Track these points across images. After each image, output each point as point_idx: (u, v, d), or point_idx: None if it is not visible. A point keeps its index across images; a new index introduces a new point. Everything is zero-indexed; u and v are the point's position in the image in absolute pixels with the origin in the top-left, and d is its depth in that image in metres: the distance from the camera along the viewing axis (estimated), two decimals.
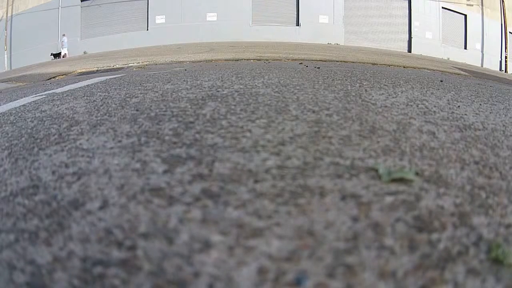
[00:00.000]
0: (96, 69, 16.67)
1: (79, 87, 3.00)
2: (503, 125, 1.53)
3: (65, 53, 22.74)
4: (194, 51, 18.64)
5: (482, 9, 28.50)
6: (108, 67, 16.86)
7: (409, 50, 26.16)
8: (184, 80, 2.57)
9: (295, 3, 23.72)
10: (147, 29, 22.88)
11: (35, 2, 24.41)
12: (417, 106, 1.68)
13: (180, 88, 2.05)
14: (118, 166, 0.83)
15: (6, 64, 23.85)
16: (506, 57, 29.55)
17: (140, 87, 2.31)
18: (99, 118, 1.39)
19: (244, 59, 15.32)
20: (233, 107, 1.38)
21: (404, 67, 16.49)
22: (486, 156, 1.01)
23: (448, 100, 2.08)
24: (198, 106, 1.43)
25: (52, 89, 3.34)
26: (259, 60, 15.25)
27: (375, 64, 16.44)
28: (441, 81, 3.80)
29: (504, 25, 29.40)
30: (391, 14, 26.20)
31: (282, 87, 1.99)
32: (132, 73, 4.00)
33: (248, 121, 1.15)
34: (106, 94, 2.15)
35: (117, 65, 17.08)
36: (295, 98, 1.58)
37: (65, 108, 1.80)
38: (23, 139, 1.28)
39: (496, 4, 28.99)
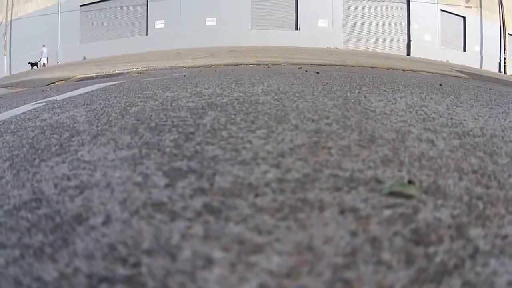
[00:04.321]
0: (96, 74, 16.68)
1: (79, 94, 3.01)
2: (502, 130, 1.55)
3: (44, 63, 22.86)
4: (193, 56, 18.67)
5: (481, 11, 28.58)
6: (108, 73, 16.89)
7: (408, 53, 26.22)
8: (183, 88, 2.58)
9: (294, 8, 23.81)
10: (147, 34, 22.97)
11: (34, 7, 24.47)
12: (416, 112, 1.69)
13: (180, 96, 2.06)
14: (120, 180, 0.84)
15: (5, 69, 23.89)
16: (505, 59, 29.60)
17: (140, 95, 2.32)
18: (99, 128, 1.41)
19: (244, 64, 15.37)
20: (233, 116, 1.39)
21: (403, 70, 16.50)
22: (484, 164, 1.02)
23: (447, 105, 2.09)
24: (198, 115, 1.44)
25: (52, 96, 3.35)
26: (258, 65, 15.31)
27: (375, 67, 16.49)
28: (440, 85, 3.80)
29: (502, 27, 29.48)
30: (390, 17, 26.28)
31: (281, 94, 2.01)
32: (132, 79, 4.02)
33: (248, 132, 1.17)
34: (106, 102, 2.16)
35: (116, 71, 17.10)
36: (295, 106, 1.60)
37: (66, 117, 1.81)
38: (24, 149, 1.29)
39: (494, 6, 29.07)
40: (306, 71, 5.75)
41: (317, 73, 5.20)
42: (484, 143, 1.27)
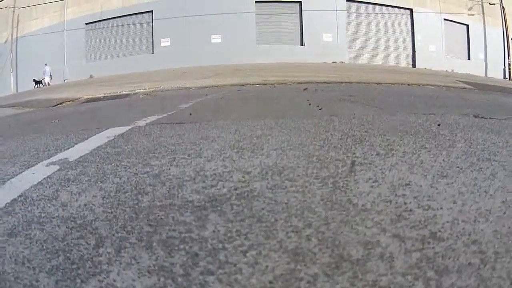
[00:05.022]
0: (103, 95, 17.01)
1: (89, 153, 3.20)
2: (474, 221, 1.69)
3: (48, 82, 23.37)
4: (199, 76, 18.80)
5: (484, 17, 28.71)
6: (115, 94, 17.17)
7: (413, 65, 26.39)
8: (188, 155, 2.84)
9: (299, 23, 24.26)
10: (152, 52, 23.53)
11: (39, 24, 25.12)
12: (396, 202, 1.90)
13: (185, 178, 2.33)
14: None
15: (12, 86, 24.48)
16: (509, 64, 29.61)
17: (148, 169, 2.57)
18: (119, 235, 1.66)
19: (250, 84, 15.67)
20: (230, 225, 1.65)
21: (408, 84, 16.67)
22: None
23: (433, 175, 2.27)
24: (201, 222, 1.71)
25: (63, 147, 3.53)
26: (264, 84, 15.66)
27: (380, 83, 16.68)
28: (439, 125, 3.92)
29: (505, 32, 29.54)
30: (394, 29, 26.50)
31: (276, 176, 2.27)
32: (140, 127, 4.27)
33: (241, 253, 1.42)
34: (118, 180, 2.41)
35: (123, 92, 17.43)
36: (285, 204, 1.86)
37: (84, 205, 2.05)
38: (60, 259, 1.52)
39: (496, 11, 29.17)
40: (310, 104, 5.92)
41: (320, 109, 5.40)
42: (443, 253, 1.42)
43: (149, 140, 3.55)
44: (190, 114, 5.83)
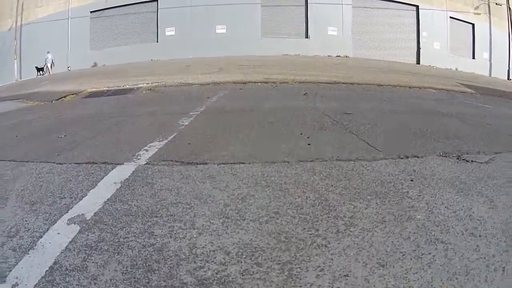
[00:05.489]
0: (106, 89, 17.39)
1: (102, 208, 3.40)
2: None
3: (49, 69, 23.60)
4: (203, 71, 18.95)
5: (490, 17, 28.58)
6: (118, 88, 17.47)
7: (418, 61, 26.44)
8: (184, 224, 3.08)
9: (304, 16, 24.29)
10: (157, 41, 23.65)
11: (44, 12, 25.14)
12: None
13: (181, 256, 2.62)
14: None
15: (16, 73, 24.65)
16: None
17: (153, 240, 2.87)
18: None
19: (252, 82, 15.87)
20: None
21: (409, 87, 16.97)
22: None
23: (373, 265, 2.35)
24: None
25: (77, 194, 3.72)
26: (266, 83, 15.92)
27: (381, 85, 16.92)
28: (412, 180, 3.91)
29: (511, 33, 29.38)
30: (399, 25, 26.44)
31: (248, 259, 2.54)
32: (143, 173, 4.58)
33: None
34: (131, 252, 2.62)
35: (127, 85, 17.68)
36: None
37: (110, 280, 2.30)
38: None
39: (503, 12, 29.00)
40: (301, 134, 6.04)
41: (309, 144, 5.60)
42: None
43: (151, 194, 3.84)
44: (189, 143, 6.04)
